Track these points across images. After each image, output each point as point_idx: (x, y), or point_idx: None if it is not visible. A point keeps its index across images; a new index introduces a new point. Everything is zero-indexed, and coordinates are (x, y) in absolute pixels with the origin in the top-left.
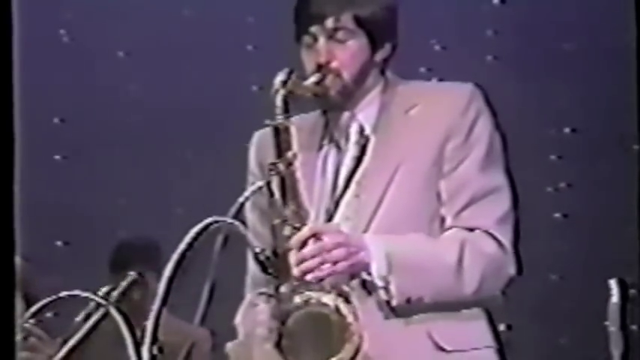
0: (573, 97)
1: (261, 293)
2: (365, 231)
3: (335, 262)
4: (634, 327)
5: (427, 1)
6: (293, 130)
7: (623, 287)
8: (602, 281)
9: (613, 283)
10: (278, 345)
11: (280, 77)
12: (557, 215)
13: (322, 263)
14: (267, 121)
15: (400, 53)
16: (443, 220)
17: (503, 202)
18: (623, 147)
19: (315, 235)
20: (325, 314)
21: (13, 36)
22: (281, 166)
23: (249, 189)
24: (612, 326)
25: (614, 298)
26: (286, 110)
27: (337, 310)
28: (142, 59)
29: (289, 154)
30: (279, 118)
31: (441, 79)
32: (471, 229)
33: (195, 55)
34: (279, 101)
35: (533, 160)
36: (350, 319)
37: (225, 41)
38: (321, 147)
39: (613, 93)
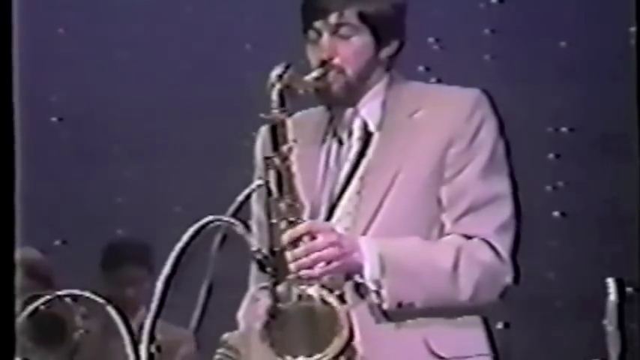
0: (571, 96)
1: (263, 287)
2: (366, 228)
3: (328, 262)
4: (632, 326)
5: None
6: (289, 123)
7: (621, 286)
8: (599, 280)
9: (611, 282)
10: (269, 339)
11: (276, 71)
12: (555, 214)
13: (315, 261)
14: (263, 115)
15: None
16: (443, 226)
17: (503, 211)
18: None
19: (310, 233)
20: (313, 308)
21: (13, 36)
22: (276, 160)
23: (248, 188)
24: (610, 325)
25: (612, 296)
26: (282, 104)
27: (325, 303)
28: (140, 58)
29: (285, 147)
30: (275, 112)
31: (438, 78)
32: (470, 237)
33: (193, 53)
34: (274, 95)
35: (532, 159)
36: (338, 312)
37: (224, 40)
38: (324, 141)
39: (611, 91)
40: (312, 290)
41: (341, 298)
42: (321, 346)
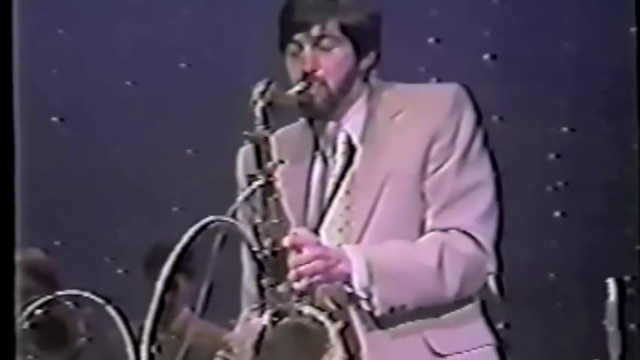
0: (572, 96)
1: (255, 309)
2: (358, 241)
3: (313, 275)
4: (632, 326)
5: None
6: (273, 141)
7: (621, 286)
8: (600, 280)
9: (611, 283)
10: (257, 355)
11: (258, 88)
12: (556, 214)
13: (300, 275)
14: (247, 133)
15: (398, 53)
16: (424, 222)
17: (483, 199)
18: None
19: (295, 247)
20: (303, 326)
21: (13, 36)
22: (261, 178)
23: (249, 188)
24: (610, 326)
25: (612, 297)
26: (265, 121)
27: (315, 321)
28: (140, 58)
29: (269, 165)
30: (259, 130)
31: (438, 79)
32: (450, 229)
33: (193, 54)
34: (257, 112)
35: (532, 159)
36: (328, 329)
37: (223, 40)
38: (309, 159)
39: (612, 91)
40: (304, 308)
41: (331, 316)
42: None
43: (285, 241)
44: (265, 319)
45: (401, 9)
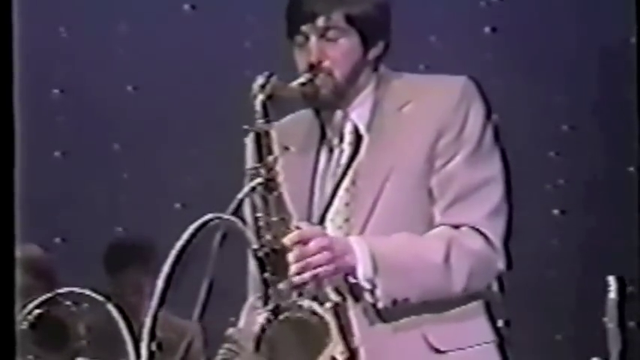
0: (572, 94)
1: (261, 297)
2: (361, 233)
3: (318, 266)
4: (632, 324)
5: None
6: (274, 134)
7: (621, 284)
8: (600, 278)
9: (611, 280)
10: (261, 350)
11: (259, 81)
12: (555, 212)
13: (307, 267)
14: (247, 127)
15: (398, 50)
16: (433, 217)
17: (493, 196)
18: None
19: (302, 240)
20: (304, 320)
21: (13, 35)
22: (262, 171)
23: (248, 185)
24: (610, 323)
25: (612, 294)
26: (266, 114)
27: (315, 314)
28: (140, 56)
29: (270, 158)
30: (259, 123)
31: None
32: (460, 226)
33: (193, 51)
34: (258, 106)
35: (532, 157)
36: (329, 323)
37: (223, 38)
38: (315, 149)
39: (612, 90)
40: (304, 302)
41: (332, 310)
42: (312, 358)
43: (290, 237)
44: (266, 314)
45: (402, 6)
